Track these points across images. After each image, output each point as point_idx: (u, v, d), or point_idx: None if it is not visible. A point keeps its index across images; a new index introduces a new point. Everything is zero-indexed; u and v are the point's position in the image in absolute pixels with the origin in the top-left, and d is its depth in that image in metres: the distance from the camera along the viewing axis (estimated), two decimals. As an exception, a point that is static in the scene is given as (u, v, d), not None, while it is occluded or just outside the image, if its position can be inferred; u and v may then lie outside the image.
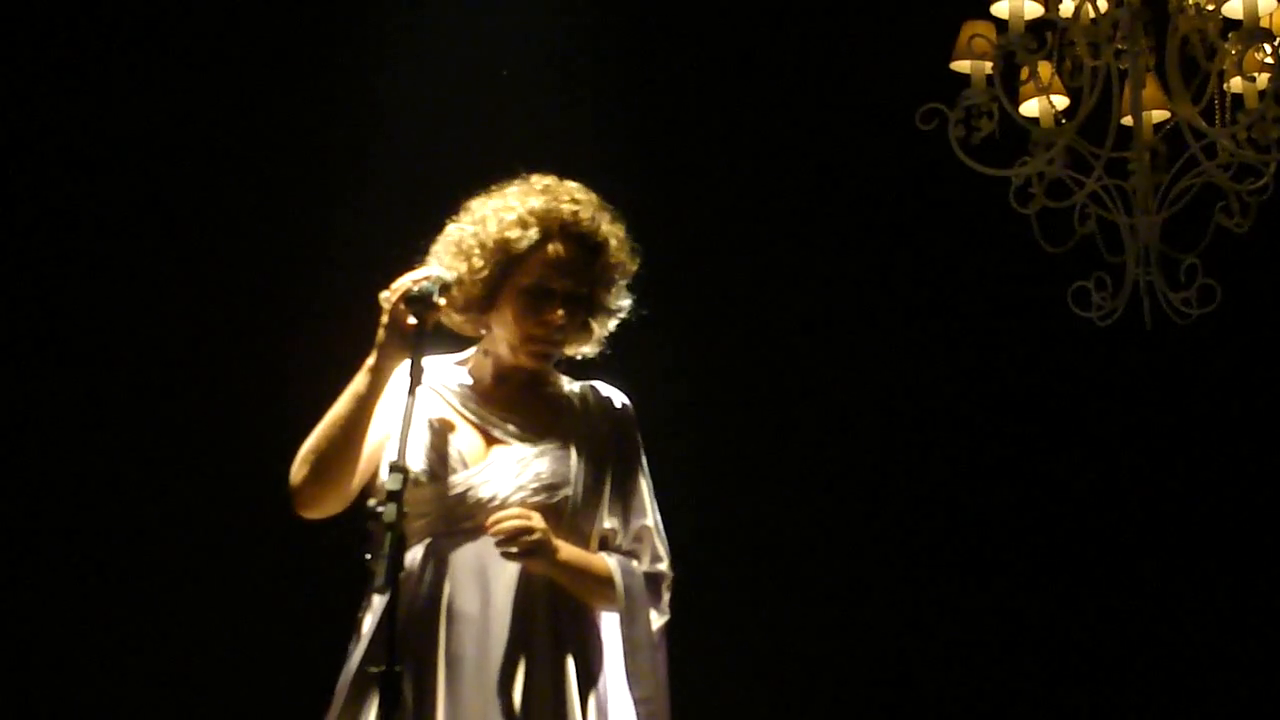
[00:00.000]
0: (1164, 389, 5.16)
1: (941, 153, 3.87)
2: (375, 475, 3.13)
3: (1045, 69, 3.92)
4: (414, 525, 3.02)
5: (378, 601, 2.99)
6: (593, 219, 3.17)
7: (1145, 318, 3.95)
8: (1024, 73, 3.91)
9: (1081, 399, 5.21)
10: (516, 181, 3.23)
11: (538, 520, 3.02)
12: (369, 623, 3.04)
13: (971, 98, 3.88)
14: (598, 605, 3.13)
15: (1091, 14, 3.84)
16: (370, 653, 2.97)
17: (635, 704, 3.07)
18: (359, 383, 3.07)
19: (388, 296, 3.06)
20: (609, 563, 3.12)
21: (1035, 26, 3.87)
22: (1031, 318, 4.86)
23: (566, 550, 3.05)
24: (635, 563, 3.15)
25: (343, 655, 3.06)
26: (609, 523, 3.14)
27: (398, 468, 2.78)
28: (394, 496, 2.73)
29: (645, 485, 3.21)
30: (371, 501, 2.74)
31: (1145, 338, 4.01)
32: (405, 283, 3.05)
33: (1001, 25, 3.87)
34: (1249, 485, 5.15)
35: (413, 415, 2.90)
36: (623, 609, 3.11)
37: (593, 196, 3.21)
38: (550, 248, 3.14)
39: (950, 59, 3.92)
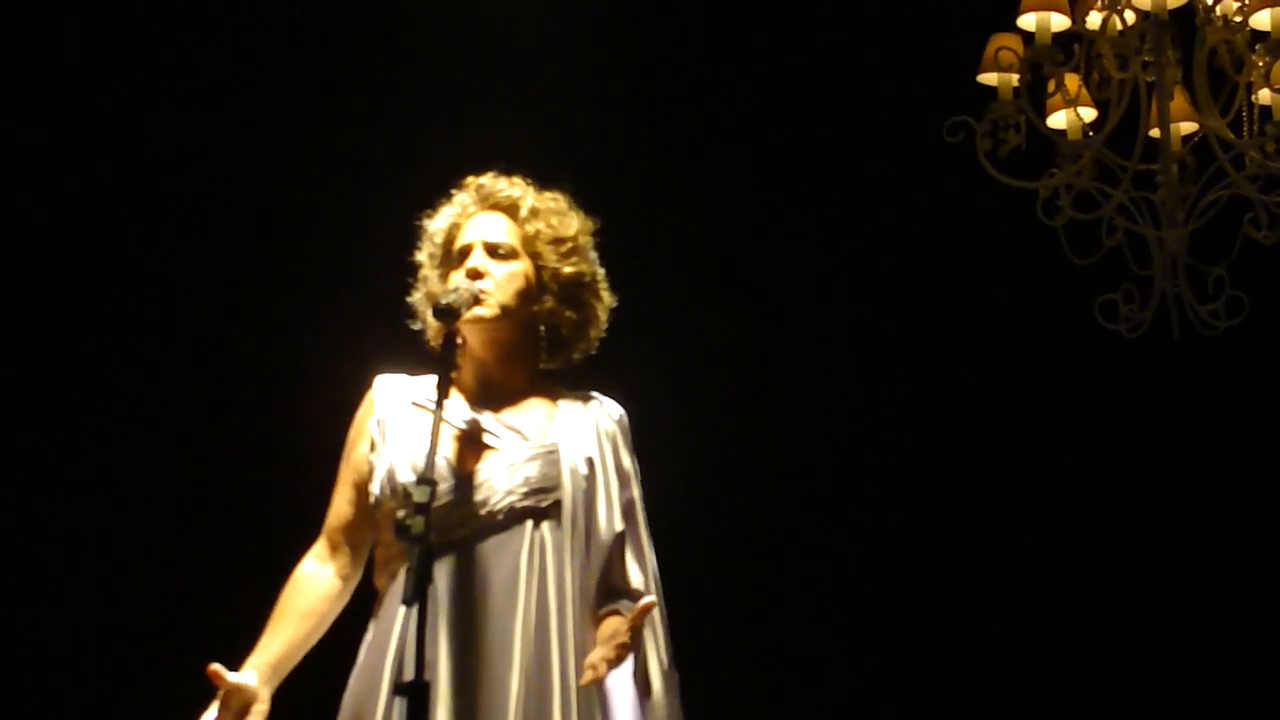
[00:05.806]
0: (1192, 401, 5.15)
1: (968, 165, 3.88)
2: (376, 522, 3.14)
3: (1072, 81, 3.92)
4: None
5: (386, 617, 3.02)
6: (505, 183, 3.28)
7: (1173, 330, 3.95)
8: (1051, 85, 3.91)
9: (1109, 411, 5.20)
10: None
11: (622, 629, 2.96)
12: (366, 645, 3.07)
13: (998, 110, 3.88)
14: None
15: (1119, 26, 3.84)
16: (371, 668, 3.01)
17: None
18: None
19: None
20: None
21: (1062, 39, 3.87)
22: (1059, 330, 4.85)
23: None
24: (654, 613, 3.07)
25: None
26: (605, 528, 3.10)
27: (425, 480, 2.74)
28: (421, 509, 2.70)
29: (638, 495, 3.20)
30: (400, 514, 2.73)
31: (1173, 350, 4.01)
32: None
33: (1028, 38, 3.88)
34: (1278, 495, 5.14)
35: (440, 428, 2.88)
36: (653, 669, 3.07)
37: (517, 178, 3.30)
38: (467, 213, 3.27)
39: (977, 71, 3.93)
